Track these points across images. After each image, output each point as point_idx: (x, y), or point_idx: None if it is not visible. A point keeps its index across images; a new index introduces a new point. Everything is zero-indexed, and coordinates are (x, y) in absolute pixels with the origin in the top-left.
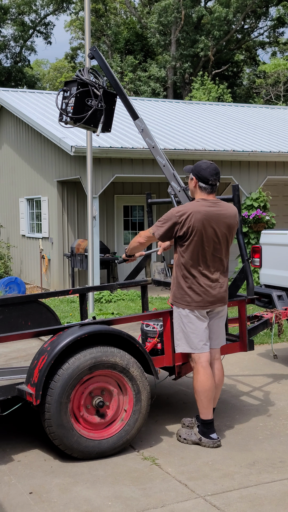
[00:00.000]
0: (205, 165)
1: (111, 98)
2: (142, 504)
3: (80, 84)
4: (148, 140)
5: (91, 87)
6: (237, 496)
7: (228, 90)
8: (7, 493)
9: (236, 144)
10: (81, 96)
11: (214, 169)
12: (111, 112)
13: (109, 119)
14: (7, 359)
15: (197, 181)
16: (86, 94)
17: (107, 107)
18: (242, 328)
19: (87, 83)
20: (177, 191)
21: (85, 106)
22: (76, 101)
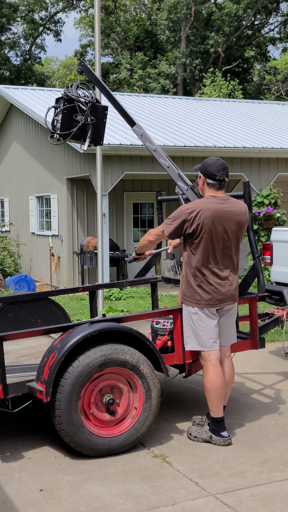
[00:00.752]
0: (211, 161)
1: (102, 112)
2: (153, 502)
3: (67, 100)
4: (149, 144)
5: (77, 103)
6: (248, 495)
7: (239, 86)
8: (18, 490)
9: (246, 141)
10: (68, 112)
11: (221, 165)
12: (102, 125)
13: (100, 132)
14: (17, 356)
15: (204, 178)
16: (73, 110)
17: (97, 121)
18: (253, 325)
19: (73, 99)
20: (184, 190)
21: (73, 121)
22: (63, 117)
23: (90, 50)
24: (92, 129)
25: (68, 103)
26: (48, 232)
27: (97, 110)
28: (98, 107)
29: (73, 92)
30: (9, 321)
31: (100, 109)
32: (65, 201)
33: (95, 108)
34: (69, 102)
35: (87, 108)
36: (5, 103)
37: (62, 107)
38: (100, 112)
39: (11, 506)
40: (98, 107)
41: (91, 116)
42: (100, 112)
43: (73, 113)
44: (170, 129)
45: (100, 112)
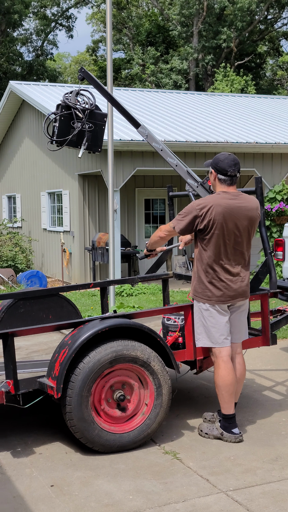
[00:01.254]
0: (223, 157)
1: (100, 119)
2: (163, 499)
3: (64, 107)
4: (155, 144)
5: (73, 110)
6: (259, 492)
7: (252, 82)
8: (29, 486)
9: (259, 136)
10: (65, 119)
11: (233, 160)
12: (101, 132)
13: (99, 139)
14: (28, 352)
15: (216, 173)
16: (71, 117)
17: (95, 128)
18: (264, 322)
19: (70, 106)
20: (194, 187)
21: (70, 128)
22: (60, 124)
23: (102, 45)
24: (90, 136)
25: (66, 110)
26: (59, 228)
27: (96, 117)
28: (97, 114)
29: (71, 99)
30: (21, 317)
31: (99, 116)
32: (77, 197)
33: (93, 115)
34: (66, 109)
35: (84, 115)
36: (17, 99)
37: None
38: (99, 119)
39: (22, 502)
40: (97, 114)
41: (89, 123)
42: (99, 119)
43: (71, 120)
44: (182, 124)
45: (99, 119)
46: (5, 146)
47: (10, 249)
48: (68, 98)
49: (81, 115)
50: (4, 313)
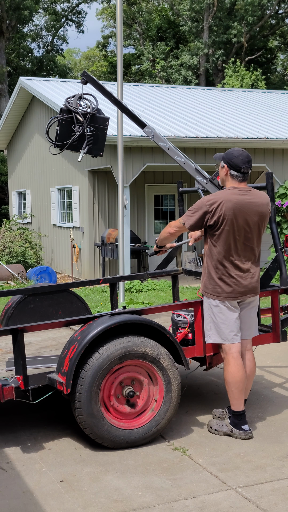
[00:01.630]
0: (237, 153)
1: (102, 123)
2: (173, 495)
3: (65, 111)
4: (162, 144)
5: (74, 114)
6: (269, 489)
7: (263, 76)
8: (38, 481)
9: (269, 131)
10: (66, 123)
11: (246, 157)
12: (102, 136)
13: (101, 143)
14: (38, 348)
15: (228, 169)
16: (72, 121)
17: (97, 132)
18: (275, 318)
19: (71, 110)
20: (204, 184)
21: (71, 132)
22: (61, 128)
23: (112, 41)
24: (92, 140)
25: (67, 114)
26: (69, 224)
27: (98, 121)
28: (99, 118)
29: (73, 103)
30: (30, 312)
31: (101, 120)
32: (87, 193)
33: (95, 119)
34: (68, 113)
35: (85, 120)
36: (27, 95)
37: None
38: (100, 123)
39: (31, 497)
40: (98, 118)
41: (91, 127)
42: (101, 123)
43: (72, 124)
44: (192, 120)
45: (101, 123)
46: (15, 142)
47: (20, 245)
48: (69, 102)
49: (81, 119)
50: (14, 309)
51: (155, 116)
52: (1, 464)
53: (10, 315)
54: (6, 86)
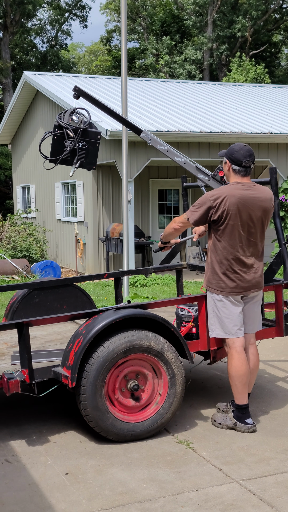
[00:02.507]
0: (238, 147)
1: (94, 137)
2: (177, 487)
3: (57, 127)
4: (160, 147)
5: (65, 130)
6: (272, 482)
7: (266, 70)
8: (44, 474)
9: (273, 126)
10: (58, 138)
11: (248, 151)
12: (94, 150)
13: (93, 156)
14: (43, 342)
15: (230, 164)
16: (64, 136)
17: (89, 146)
18: (278, 313)
19: (62, 126)
20: (206, 181)
21: (63, 147)
22: (53, 143)
23: (116, 35)
24: (83, 154)
25: (59, 129)
26: (73, 219)
27: (90, 136)
28: (90, 132)
29: (65, 118)
30: (35, 306)
31: (92, 134)
32: (91, 187)
33: (87, 133)
34: (60, 128)
35: (76, 135)
36: (31, 89)
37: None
38: (92, 137)
39: (37, 489)
40: (90, 133)
41: (82, 142)
42: (93, 137)
43: (64, 139)
44: (196, 114)
45: (93, 137)
46: (20, 137)
47: (24, 239)
48: (61, 118)
49: (72, 135)
50: (19, 303)
51: (159, 111)
52: (7, 456)
53: (15, 309)
54: (10, 80)
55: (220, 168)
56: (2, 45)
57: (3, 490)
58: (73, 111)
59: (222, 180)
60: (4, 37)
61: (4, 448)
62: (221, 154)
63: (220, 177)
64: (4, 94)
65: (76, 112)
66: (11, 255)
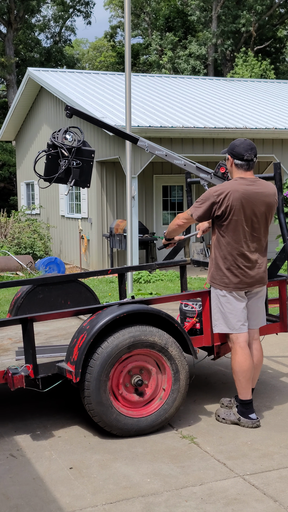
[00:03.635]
0: (238, 142)
1: (88, 155)
2: (181, 482)
3: (52, 146)
4: (158, 152)
5: (60, 149)
6: (276, 476)
7: (271, 66)
8: (48, 468)
9: (278, 122)
10: (53, 157)
11: (249, 145)
12: (88, 168)
13: (87, 175)
14: (47, 337)
15: (232, 159)
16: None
17: (83, 164)
18: (282, 308)
19: (56, 145)
20: (209, 179)
21: (58, 166)
22: (48, 162)
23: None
24: (78, 172)
25: (53, 148)
26: (77, 215)
27: (84, 154)
28: (84, 151)
29: (59, 137)
30: (40, 302)
31: (86, 153)
32: (95, 184)
33: (81, 152)
34: (54, 147)
35: (70, 154)
36: (35, 86)
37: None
38: (86, 156)
39: (41, 483)
40: (84, 151)
41: (77, 160)
42: (87, 156)
43: (58, 158)
44: (200, 110)
45: (87, 155)
46: (24, 133)
47: (28, 236)
48: (55, 137)
49: (67, 154)
50: (24, 299)
51: (163, 107)
52: (12, 451)
53: (19, 305)
54: (14, 77)
55: (221, 164)
56: (6, 42)
57: (8, 484)
58: (67, 130)
59: (225, 176)
60: (8, 33)
61: (9, 443)
62: (224, 152)
63: (222, 174)
64: (8, 90)
65: (70, 131)
66: (15, 251)
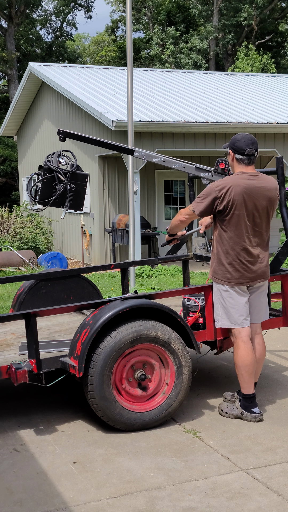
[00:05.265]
0: (239, 136)
1: (82, 179)
2: (184, 476)
3: (47, 170)
4: (156, 159)
5: (56, 173)
6: (279, 470)
7: (272, 60)
8: (52, 463)
9: (280, 116)
10: (48, 181)
11: (250, 139)
12: (82, 192)
13: (81, 198)
14: (50, 332)
15: (233, 154)
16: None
17: (77, 188)
18: (285, 303)
19: (52, 169)
20: (210, 178)
21: (53, 189)
22: (43, 186)
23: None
24: (72, 196)
25: (48, 172)
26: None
27: (78, 178)
28: (78, 175)
29: (53, 161)
30: (42, 297)
31: (80, 176)
32: (97, 178)
33: (75, 176)
34: (49, 171)
35: (66, 178)
36: (36, 80)
37: (42, 176)
38: (80, 179)
39: (45, 478)
40: (78, 175)
41: (71, 184)
42: (80, 180)
43: (53, 181)
44: (202, 105)
45: (80, 179)
46: (25, 128)
47: (30, 231)
48: (50, 161)
49: (63, 178)
50: (26, 294)
51: (165, 101)
52: (16, 446)
53: (22, 300)
54: (15, 72)
55: (219, 160)
56: (7, 36)
57: (12, 479)
58: (60, 154)
59: (225, 172)
60: (9, 28)
61: (12, 438)
62: (225, 146)
63: (222, 169)
64: (10, 85)
65: (63, 155)
66: (17, 246)
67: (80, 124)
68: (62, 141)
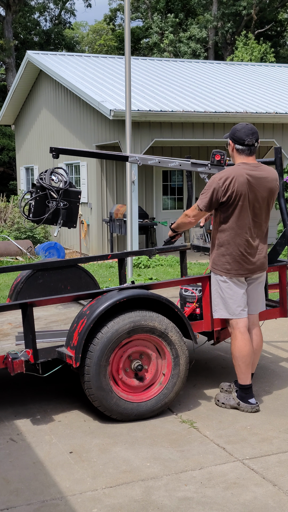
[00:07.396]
0: (240, 126)
1: (74, 196)
2: (180, 466)
3: (40, 188)
4: (151, 162)
5: (48, 191)
6: (275, 461)
7: (271, 49)
8: (48, 452)
9: (279, 106)
10: (40, 198)
11: (250, 129)
12: (75, 209)
13: (74, 215)
14: (47, 322)
15: (234, 144)
16: (46, 196)
17: (70, 205)
18: (282, 293)
19: (45, 187)
20: (208, 171)
21: (46, 207)
22: (35, 204)
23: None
24: (65, 213)
25: (41, 190)
26: None
27: (70, 195)
28: (71, 192)
29: (46, 179)
30: (39, 287)
31: (73, 193)
32: (95, 168)
33: (68, 193)
34: (42, 189)
35: (59, 195)
36: (34, 69)
37: (35, 194)
38: (73, 196)
39: (41, 467)
40: (71, 192)
41: (64, 201)
42: (73, 197)
43: (46, 199)
44: (200, 94)
45: (73, 196)
46: (23, 117)
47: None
48: (42, 178)
49: (55, 196)
50: (23, 284)
51: (163, 91)
52: (12, 435)
53: (19, 290)
54: (13, 60)
55: (214, 152)
56: (5, 24)
57: (9, 469)
58: (52, 171)
59: (221, 163)
60: (7, 16)
61: (9, 427)
62: (226, 136)
63: (218, 161)
64: (7, 74)
65: (56, 172)
66: (15, 236)
67: (78, 113)
68: (55, 158)
